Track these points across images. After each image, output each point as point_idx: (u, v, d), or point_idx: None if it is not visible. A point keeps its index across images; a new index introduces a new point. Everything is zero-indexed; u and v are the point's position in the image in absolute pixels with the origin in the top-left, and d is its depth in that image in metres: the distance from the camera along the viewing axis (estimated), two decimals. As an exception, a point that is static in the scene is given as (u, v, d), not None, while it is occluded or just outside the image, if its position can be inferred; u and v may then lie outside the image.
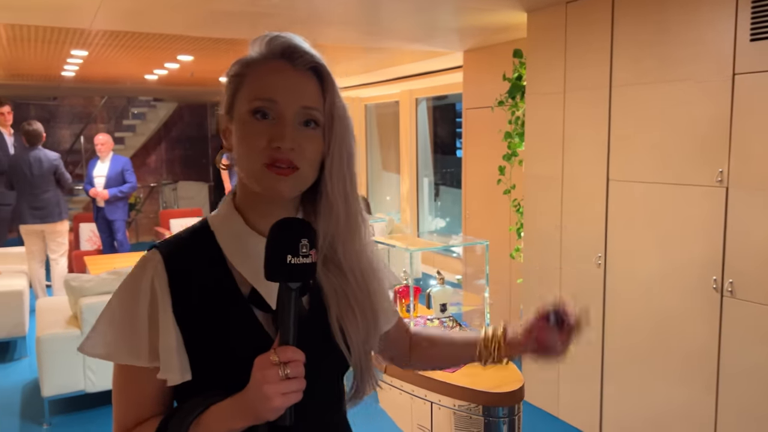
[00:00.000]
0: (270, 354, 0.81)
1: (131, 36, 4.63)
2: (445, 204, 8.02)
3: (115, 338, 0.90)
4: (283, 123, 0.88)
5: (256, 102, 0.88)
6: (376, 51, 5.47)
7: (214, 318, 0.90)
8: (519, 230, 4.28)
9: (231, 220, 0.95)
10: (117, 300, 0.92)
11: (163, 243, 0.95)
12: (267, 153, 0.87)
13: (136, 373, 0.90)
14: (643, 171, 3.06)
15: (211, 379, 0.89)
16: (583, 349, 3.43)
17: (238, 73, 0.93)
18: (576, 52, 3.40)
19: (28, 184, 5.61)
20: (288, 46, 0.92)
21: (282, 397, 0.80)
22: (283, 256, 0.83)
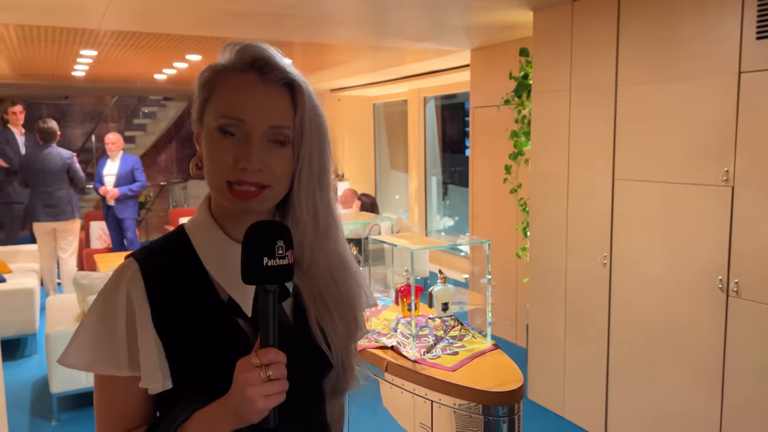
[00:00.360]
0: (251, 357, 0.81)
1: (140, 36, 4.66)
2: (453, 203, 8.01)
3: (94, 349, 0.89)
4: (251, 143, 0.87)
5: (222, 119, 0.87)
6: (385, 50, 5.47)
7: (193, 325, 0.90)
8: (525, 229, 4.27)
9: (207, 228, 0.95)
10: (95, 311, 0.91)
11: (139, 251, 0.94)
12: (232, 171, 0.87)
13: (117, 383, 0.90)
14: (649, 170, 3.04)
15: (193, 386, 0.89)
16: (589, 349, 3.42)
17: (208, 82, 0.92)
18: (582, 51, 3.39)
19: (41, 182, 5.67)
20: (259, 59, 0.90)
21: (265, 399, 0.80)
22: (260, 258, 0.82)
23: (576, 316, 3.54)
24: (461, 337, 2.38)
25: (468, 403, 2.02)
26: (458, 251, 7.13)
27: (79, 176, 5.85)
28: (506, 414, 2.01)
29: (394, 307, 2.75)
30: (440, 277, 2.46)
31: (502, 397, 2.00)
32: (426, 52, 5.51)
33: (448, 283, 2.48)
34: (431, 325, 2.40)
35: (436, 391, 2.09)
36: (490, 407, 2.00)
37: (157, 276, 0.90)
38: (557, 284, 3.65)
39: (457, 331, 2.40)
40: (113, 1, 3.40)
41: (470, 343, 2.35)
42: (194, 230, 0.96)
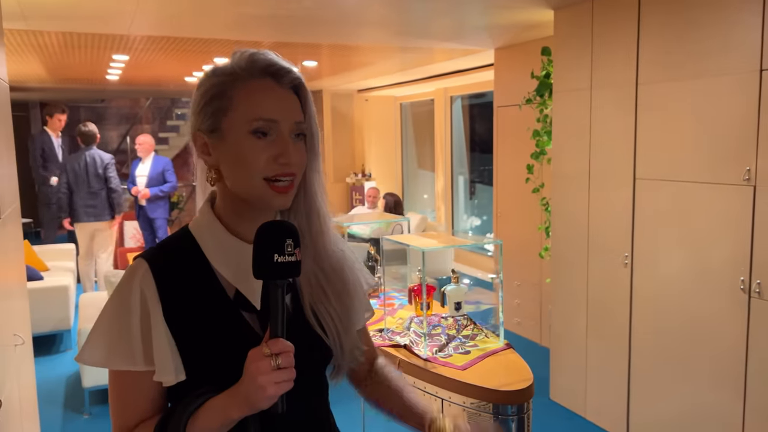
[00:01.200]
0: (262, 347, 0.86)
1: (167, 40, 4.78)
2: (482, 202, 7.99)
3: (110, 346, 0.94)
4: (284, 140, 0.94)
5: (256, 122, 0.93)
6: (411, 50, 5.50)
7: (203, 321, 0.95)
8: (547, 229, 4.24)
9: (212, 227, 1.00)
10: (109, 310, 0.96)
11: (148, 252, 0.99)
12: (270, 167, 0.93)
13: (131, 377, 0.95)
14: (670, 169, 3.00)
15: (203, 377, 0.94)
16: (611, 349, 3.39)
17: (221, 92, 0.95)
18: (602, 49, 3.36)
19: (83, 183, 5.87)
20: (272, 65, 0.96)
21: (275, 386, 0.85)
22: (270, 255, 0.88)
23: (598, 316, 3.51)
24: (473, 337, 2.39)
25: (478, 402, 2.03)
26: (484, 251, 7.11)
27: (113, 181, 6.02)
28: (515, 413, 2.01)
29: (409, 306, 2.77)
30: (453, 277, 2.48)
31: (512, 396, 2.01)
32: (452, 51, 5.52)
33: (462, 283, 2.50)
34: (444, 324, 2.42)
35: (447, 389, 2.11)
36: (500, 406, 2.01)
37: (167, 274, 0.96)
38: (579, 284, 3.62)
39: (470, 330, 2.41)
40: (139, 8, 3.51)
41: (482, 343, 2.37)
42: (199, 230, 1.01)
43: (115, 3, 3.42)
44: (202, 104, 0.97)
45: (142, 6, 3.47)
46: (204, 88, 0.97)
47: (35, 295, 4.67)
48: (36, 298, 4.67)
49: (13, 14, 3.58)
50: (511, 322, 5.20)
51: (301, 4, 3.52)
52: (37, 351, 4.54)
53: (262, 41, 4.89)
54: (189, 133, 1.02)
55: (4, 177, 2.18)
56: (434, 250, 2.72)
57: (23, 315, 2.53)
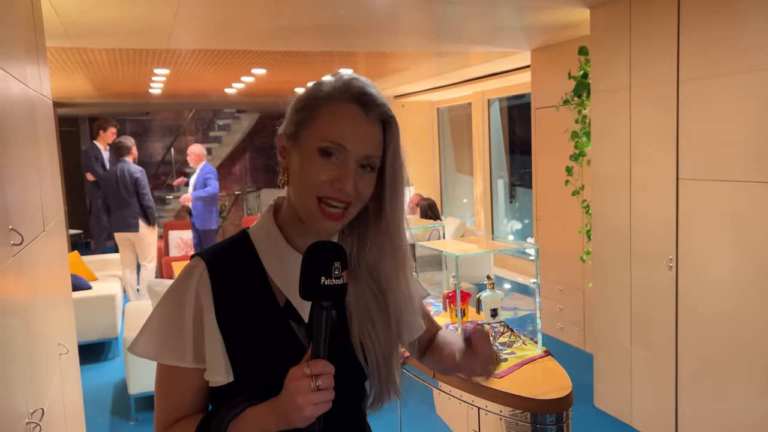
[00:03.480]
0: (303, 366, 0.87)
1: (205, 53, 4.89)
2: (523, 205, 7.87)
3: (161, 341, 0.97)
4: (348, 167, 0.94)
5: (325, 142, 0.94)
6: (446, 54, 5.47)
7: (252, 326, 0.97)
8: (588, 232, 4.15)
9: (271, 235, 1.02)
10: (164, 305, 0.99)
11: (206, 252, 1.01)
12: (324, 188, 0.94)
13: (179, 373, 0.97)
14: (715, 168, 2.89)
15: (248, 382, 0.95)
16: (656, 355, 3.28)
17: (310, 104, 0.97)
18: (641, 47, 3.27)
19: (115, 196, 6.06)
20: (364, 94, 0.97)
21: (313, 407, 0.86)
22: (318, 277, 0.88)
23: (642, 322, 3.40)
24: (511, 344, 2.35)
25: (515, 411, 1.99)
26: (526, 255, 6.99)
27: (143, 194, 6.14)
28: (554, 422, 1.96)
29: (444, 313, 2.74)
30: (488, 283, 2.44)
31: (550, 405, 1.96)
32: (488, 54, 5.47)
33: (497, 289, 2.45)
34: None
35: (483, 398, 2.08)
36: (538, 415, 1.97)
37: (223, 277, 0.97)
38: (622, 289, 3.52)
39: (507, 337, 2.37)
40: (177, 23, 3.59)
41: (520, 350, 2.32)
42: (258, 236, 1.03)
43: (154, 18, 3.52)
44: (293, 111, 0.99)
45: (180, 20, 3.55)
46: (301, 98, 1.00)
47: (83, 304, 4.83)
48: (84, 307, 4.82)
49: (57, 33, 3.72)
50: (554, 327, 5.10)
51: (335, 14, 3.54)
52: (84, 358, 4.69)
53: (298, 51, 4.94)
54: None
55: (48, 191, 2.26)
56: (468, 256, 2.68)
57: (68, 324, 2.61)
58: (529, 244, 2.72)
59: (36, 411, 1.62)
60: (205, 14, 3.53)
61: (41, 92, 2.35)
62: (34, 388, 1.70)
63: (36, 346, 1.81)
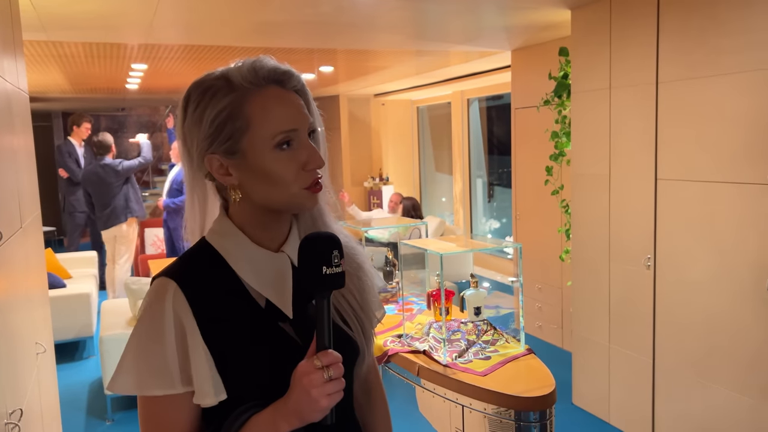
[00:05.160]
0: (313, 359, 0.85)
1: (185, 48, 4.83)
2: (501, 205, 7.93)
3: (144, 372, 0.90)
4: (307, 144, 0.94)
5: (278, 136, 0.91)
6: (426, 53, 5.48)
7: (239, 334, 0.93)
8: (568, 231, 4.19)
9: (235, 238, 0.97)
10: (141, 333, 0.92)
11: (170, 270, 0.95)
12: (302, 177, 0.93)
13: (168, 401, 0.91)
14: (693, 169, 2.94)
15: (244, 393, 0.92)
16: (634, 353, 3.33)
17: (234, 112, 0.91)
18: (621, 48, 3.31)
19: (101, 194, 5.97)
20: (276, 70, 0.94)
21: (328, 398, 0.85)
22: (320, 267, 0.87)
23: (620, 320, 3.45)
24: (494, 342, 2.36)
25: (498, 408, 2.00)
26: (504, 254, 7.05)
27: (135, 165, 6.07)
28: (537, 420, 1.98)
29: (428, 311, 2.75)
30: (472, 281, 2.45)
31: (534, 402, 1.98)
32: (468, 54, 5.49)
33: (481, 287, 2.47)
34: (463, 329, 2.39)
35: (467, 395, 2.08)
36: (521, 413, 1.98)
37: (198, 292, 0.92)
38: (600, 287, 3.57)
39: (490, 335, 2.38)
40: (157, 17, 3.54)
41: (503, 348, 2.33)
42: (221, 241, 0.97)
43: (133, 12, 3.46)
44: (216, 127, 0.92)
45: (161, 15, 3.50)
46: (212, 110, 0.92)
47: (58, 303, 4.74)
48: (58, 305, 4.73)
49: (32, 26, 3.64)
50: (533, 326, 5.15)
51: (317, 10, 3.52)
52: (60, 358, 4.60)
53: (279, 47, 4.91)
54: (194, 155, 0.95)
55: (24, 186, 2.21)
56: (452, 255, 2.69)
57: (45, 323, 2.56)
58: (511, 243, 2.74)
59: (15, 411, 1.59)
60: (187, 9, 3.49)
61: (18, 86, 2.29)
62: (12, 388, 1.66)
63: (14, 345, 1.77)
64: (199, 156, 0.95)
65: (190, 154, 0.97)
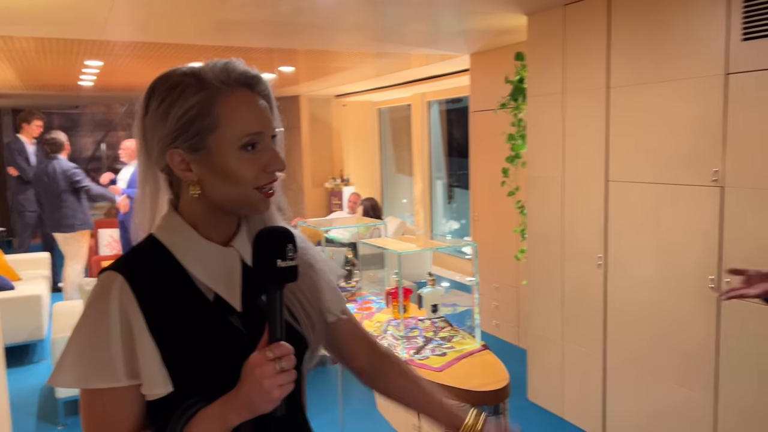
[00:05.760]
0: (265, 351, 0.87)
1: (143, 45, 4.75)
2: (460, 206, 8.04)
3: (87, 365, 0.90)
4: (270, 149, 0.97)
5: (245, 138, 0.94)
6: (388, 55, 5.52)
7: (188, 327, 0.94)
8: (523, 232, 4.29)
9: (185, 233, 0.99)
10: (84, 326, 0.92)
11: (116, 264, 0.95)
12: (261, 177, 0.95)
13: (112, 395, 0.91)
14: (641, 171, 3.06)
15: (192, 387, 0.92)
16: (586, 349, 3.43)
17: (204, 110, 0.93)
18: (574, 54, 3.42)
19: (49, 195, 5.78)
20: (247, 74, 0.97)
21: (279, 389, 0.87)
22: (274, 260, 0.89)
23: (573, 317, 3.56)
24: (450, 338, 2.41)
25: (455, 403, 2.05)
26: (462, 254, 7.15)
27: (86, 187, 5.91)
28: (492, 413, 2.04)
29: (387, 309, 2.79)
30: (429, 280, 2.50)
31: (488, 396, 2.03)
32: (429, 57, 5.55)
33: (438, 286, 2.52)
34: (421, 326, 2.43)
35: (424, 391, 2.12)
36: (477, 406, 2.03)
37: (144, 284, 0.93)
38: (554, 286, 3.67)
39: (447, 332, 2.43)
40: (112, 13, 3.48)
41: (459, 344, 2.38)
42: (169, 236, 0.98)
43: (89, 7, 3.39)
44: (183, 123, 0.94)
45: (117, 11, 3.44)
46: (181, 106, 0.94)
47: (6, 306, 4.59)
48: (7, 308, 4.59)
49: (-18, 19, 3.54)
50: (490, 324, 5.24)
51: (276, 10, 3.53)
52: (10, 362, 4.47)
53: (238, 46, 4.88)
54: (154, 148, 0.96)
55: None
56: (410, 253, 2.73)
57: (-6, 324, 2.49)
58: (467, 242, 2.80)
59: (-37, 413, 1.55)
60: (144, 5, 3.44)
61: (-33, 80, 2.23)
62: (-39, 389, 1.62)
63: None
64: (160, 150, 0.96)
65: (148, 147, 0.98)
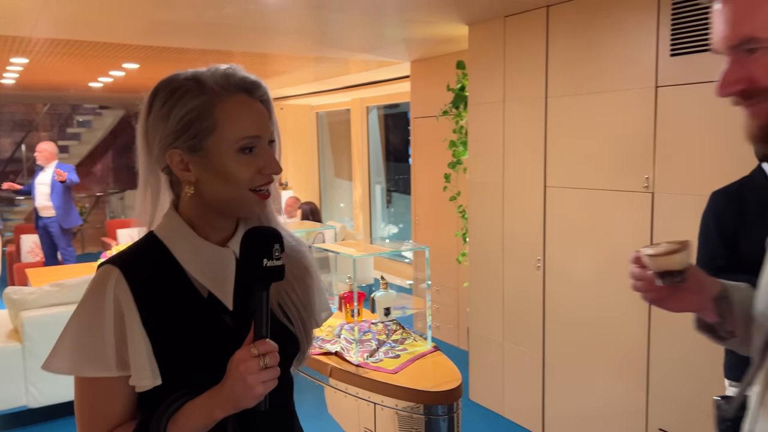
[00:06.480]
0: (250, 347, 0.90)
1: (74, 44, 4.56)
2: (398, 210, 8.13)
3: (81, 353, 0.94)
4: (267, 152, 1.01)
5: (243, 141, 0.97)
6: (327, 60, 5.53)
7: (180, 323, 0.97)
8: (465, 235, 4.40)
9: (183, 232, 1.02)
10: (81, 316, 0.96)
11: (115, 258, 0.99)
12: (256, 179, 0.99)
13: (104, 384, 0.95)
14: (578, 177, 3.21)
15: (180, 380, 0.96)
16: (526, 349, 3.56)
17: (204, 113, 0.97)
18: (514, 64, 3.55)
19: None
20: (246, 80, 1.01)
21: (263, 385, 0.90)
22: (260, 260, 0.92)
23: (513, 318, 3.68)
24: (403, 341, 2.45)
25: (409, 404, 2.09)
26: (402, 258, 7.24)
27: None
28: (446, 413, 2.09)
29: (339, 313, 2.80)
30: (382, 283, 2.53)
31: (441, 396, 2.09)
32: (368, 62, 5.60)
33: (390, 289, 2.56)
34: (374, 329, 2.46)
35: (379, 393, 2.16)
36: (431, 407, 2.08)
37: (140, 279, 0.97)
38: (495, 288, 3.78)
39: (399, 334, 2.47)
40: (46, 9, 3.34)
41: (411, 346, 2.43)
42: (168, 235, 1.02)
43: (22, 3, 3.24)
44: (183, 124, 0.97)
45: (50, 7, 3.30)
46: (181, 108, 0.97)
47: None
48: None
49: None
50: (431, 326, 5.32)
51: (221, 12, 3.48)
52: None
53: (172, 47, 4.76)
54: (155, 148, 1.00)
55: None
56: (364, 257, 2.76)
57: None
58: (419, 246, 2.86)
59: None
60: (77, 3, 3.31)
61: None
62: None
63: None
64: (161, 149, 1.00)
65: (150, 147, 1.02)
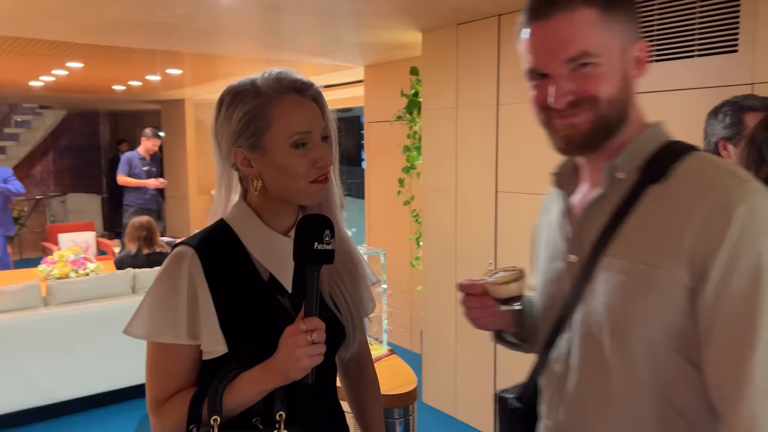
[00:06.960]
0: (299, 323, 0.99)
1: (12, 41, 4.39)
2: (351, 214, 8.12)
3: (157, 321, 1.06)
4: (319, 145, 1.11)
5: (295, 137, 1.08)
6: (277, 62, 5.49)
7: (243, 301, 1.08)
8: (418, 239, 4.45)
9: (250, 220, 1.14)
10: (157, 289, 1.09)
11: (190, 240, 1.12)
12: (311, 172, 1.09)
13: (174, 350, 1.07)
14: (527, 183, 3.30)
15: (240, 352, 1.06)
16: (478, 351, 3.62)
17: (259, 113, 1.08)
18: (467, 71, 3.61)
19: None
20: (297, 81, 1.12)
21: (309, 359, 0.99)
22: (311, 243, 1.01)
23: (466, 321, 3.72)
24: (358, 345, 2.46)
25: (365, 408, 2.10)
26: (354, 262, 7.24)
27: None
28: (402, 415, 2.11)
29: (292, 318, 2.79)
30: (337, 288, 2.54)
31: (397, 399, 2.10)
32: (321, 66, 5.59)
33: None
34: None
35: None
36: (387, 410, 2.09)
37: (211, 259, 1.09)
38: (449, 291, 3.84)
39: (354, 339, 2.48)
40: (-14, 5, 3.20)
41: (367, 351, 2.44)
42: (237, 222, 1.14)
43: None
44: (242, 125, 1.09)
45: (-10, 3, 3.17)
46: (240, 110, 1.09)
47: None
48: None
49: None
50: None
51: (172, 12, 3.41)
52: None
53: (118, 47, 4.64)
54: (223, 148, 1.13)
55: None
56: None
57: None
58: (375, 249, 2.88)
59: None
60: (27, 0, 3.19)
61: None
62: None
63: None
64: (227, 148, 1.12)
65: (220, 147, 1.14)
